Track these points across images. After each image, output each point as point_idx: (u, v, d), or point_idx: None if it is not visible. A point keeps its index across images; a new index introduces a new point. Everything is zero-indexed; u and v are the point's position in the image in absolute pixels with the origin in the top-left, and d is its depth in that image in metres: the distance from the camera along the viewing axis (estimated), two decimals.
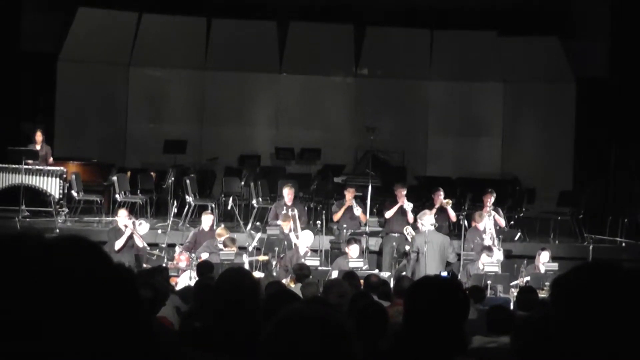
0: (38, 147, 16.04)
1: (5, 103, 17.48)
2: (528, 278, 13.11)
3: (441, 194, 14.86)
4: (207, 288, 6.40)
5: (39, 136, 16.17)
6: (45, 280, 1.30)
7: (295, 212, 14.21)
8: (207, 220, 14.17)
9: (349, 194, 15.01)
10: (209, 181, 17.87)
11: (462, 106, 20.08)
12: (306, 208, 15.73)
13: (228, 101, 19.77)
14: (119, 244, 13.17)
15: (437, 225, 14.07)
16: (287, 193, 14.80)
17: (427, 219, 13.79)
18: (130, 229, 13.28)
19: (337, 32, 19.79)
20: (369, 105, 19.86)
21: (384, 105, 19.91)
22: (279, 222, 14.14)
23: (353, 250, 13.36)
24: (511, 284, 13.10)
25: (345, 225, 14.92)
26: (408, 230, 14.37)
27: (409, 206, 14.55)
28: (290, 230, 13.89)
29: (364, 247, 14.32)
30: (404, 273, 13.36)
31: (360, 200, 15.26)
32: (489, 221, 14.47)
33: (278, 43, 19.82)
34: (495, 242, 14.09)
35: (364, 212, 14.97)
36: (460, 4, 19.36)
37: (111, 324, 1.32)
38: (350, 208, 14.94)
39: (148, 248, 13.83)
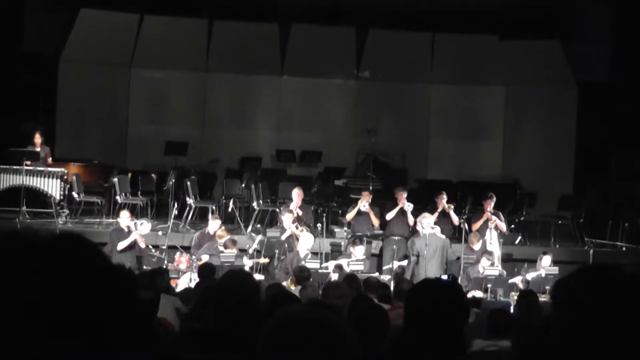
0: (37, 149, 16.02)
1: (6, 104, 17.47)
2: (531, 275, 13.08)
3: (444, 197, 14.81)
4: (208, 290, 6.39)
5: (37, 138, 16.11)
6: (39, 277, 1.29)
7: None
8: (214, 224, 14.06)
9: (364, 197, 14.91)
10: (210, 183, 17.85)
11: (463, 109, 20.07)
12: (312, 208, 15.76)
13: (229, 103, 19.77)
14: (122, 244, 13.14)
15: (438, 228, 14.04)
16: (297, 194, 14.76)
17: (427, 222, 13.75)
18: (136, 234, 13.23)
19: (339, 35, 19.79)
20: (370, 108, 19.85)
21: (385, 108, 19.91)
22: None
23: (358, 251, 13.35)
24: (509, 281, 13.05)
25: (347, 228, 14.89)
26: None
27: (409, 207, 14.52)
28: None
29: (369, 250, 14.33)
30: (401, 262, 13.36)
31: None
32: (492, 234, 14.39)
33: (280, 45, 19.81)
34: (496, 261, 13.77)
35: (376, 215, 14.88)
36: (462, 7, 19.35)
37: (108, 322, 1.31)
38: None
39: (150, 247, 13.79)
